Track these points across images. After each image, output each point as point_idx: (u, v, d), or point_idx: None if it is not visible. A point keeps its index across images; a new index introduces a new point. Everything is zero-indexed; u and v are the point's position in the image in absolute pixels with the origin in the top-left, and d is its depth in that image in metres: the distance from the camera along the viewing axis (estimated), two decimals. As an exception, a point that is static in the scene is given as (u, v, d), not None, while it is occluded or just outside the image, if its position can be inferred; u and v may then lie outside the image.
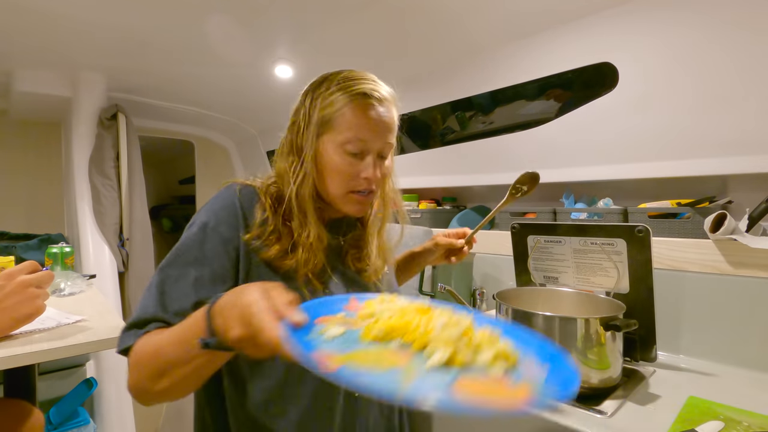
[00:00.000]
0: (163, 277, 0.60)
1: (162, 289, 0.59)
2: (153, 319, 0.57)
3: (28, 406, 0.96)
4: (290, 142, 0.70)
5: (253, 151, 2.67)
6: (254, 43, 1.47)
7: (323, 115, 0.65)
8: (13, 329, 0.81)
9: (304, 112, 0.68)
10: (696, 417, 0.71)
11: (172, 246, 0.63)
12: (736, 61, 0.95)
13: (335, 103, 0.65)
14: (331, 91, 0.66)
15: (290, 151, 0.69)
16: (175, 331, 0.51)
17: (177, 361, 0.49)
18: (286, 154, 0.70)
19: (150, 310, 0.57)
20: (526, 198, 1.49)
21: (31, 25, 1.37)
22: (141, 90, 2.01)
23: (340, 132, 0.65)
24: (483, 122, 1.55)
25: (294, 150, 0.69)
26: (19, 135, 2.30)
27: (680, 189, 1.20)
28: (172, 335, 0.51)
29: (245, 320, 0.41)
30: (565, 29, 1.18)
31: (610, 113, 1.17)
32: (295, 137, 0.69)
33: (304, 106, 0.68)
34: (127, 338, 0.56)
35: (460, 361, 0.38)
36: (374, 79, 0.69)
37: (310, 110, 0.67)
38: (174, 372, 0.50)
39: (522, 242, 1.13)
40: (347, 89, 0.65)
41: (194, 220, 0.65)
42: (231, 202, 0.66)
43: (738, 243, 0.95)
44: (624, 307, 0.88)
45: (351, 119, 0.65)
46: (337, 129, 0.65)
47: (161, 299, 0.58)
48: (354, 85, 0.66)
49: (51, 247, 1.55)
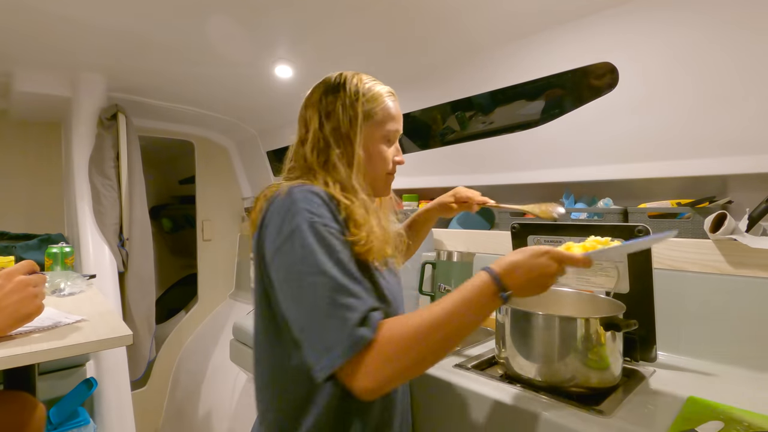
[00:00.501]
0: (324, 278, 0.59)
1: (339, 285, 0.58)
2: (369, 310, 0.58)
3: (31, 398, 0.96)
4: (334, 133, 0.74)
5: (253, 151, 2.67)
6: (254, 43, 1.47)
7: (369, 108, 0.75)
8: (12, 329, 0.81)
9: (344, 105, 0.74)
10: (696, 417, 0.71)
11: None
12: (736, 61, 0.95)
13: (377, 98, 0.76)
14: (369, 87, 0.77)
15: (336, 142, 0.74)
16: (455, 300, 0.59)
17: (471, 322, 0.59)
18: (332, 145, 0.74)
19: (357, 305, 0.57)
20: (525, 198, 1.49)
21: (31, 25, 1.37)
22: (141, 90, 2.01)
23: (384, 123, 0.77)
24: (483, 122, 1.55)
25: (342, 139, 0.74)
26: (19, 135, 2.30)
27: (680, 189, 1.20)
28: (457, 303, 0.59)
29: (540, 281, 0.62)
30: (564, 29, 1.18)
31: (610, 113, 1.17)
32: (339, 128, 0.74)
33: (340, 100, 0.75)
34: (358, 339, 0.55)
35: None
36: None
37: (353, 103, 0.74)
38: (468, 330, 0.59)
39: (522, 242, 1.13)
40: (379, 86, 0.78)
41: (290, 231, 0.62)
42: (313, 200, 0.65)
43: (738, 243, 0.95)
44: (624, 307, 0.88)
45: (390, 112, 0.78)
46: (379, 120, 0.77)
47: (349, 291, 0.58)
48: (379, 83, 0.79)
49: (51, 247, 1.55)
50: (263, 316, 0.71)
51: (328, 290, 0.58)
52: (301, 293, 0.59)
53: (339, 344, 0.55)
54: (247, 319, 1.64)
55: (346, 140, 0.74)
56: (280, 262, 0.63)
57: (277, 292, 0.64)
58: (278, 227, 0.64)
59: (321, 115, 0.75)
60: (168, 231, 3.25)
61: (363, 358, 0.55)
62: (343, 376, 0.57)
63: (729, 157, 1.01)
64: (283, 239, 0.63)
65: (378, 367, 0.55)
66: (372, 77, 0.79)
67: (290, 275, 0.61)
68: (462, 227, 1.60)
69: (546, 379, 0.82)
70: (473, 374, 0.91)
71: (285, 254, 0.62)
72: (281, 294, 0.63)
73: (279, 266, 0.63)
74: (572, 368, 0.81)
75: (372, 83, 0.78)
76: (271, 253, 0.65)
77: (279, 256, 0.63)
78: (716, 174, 1.05)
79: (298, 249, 0.61)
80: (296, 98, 0.79)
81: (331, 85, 0.77)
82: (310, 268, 0.59)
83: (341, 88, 0.76)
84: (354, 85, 0.76)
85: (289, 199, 0.65)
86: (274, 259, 0.64)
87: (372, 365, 0.55)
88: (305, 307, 0.59)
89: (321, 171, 0.73)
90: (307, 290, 0.59)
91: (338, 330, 0.56)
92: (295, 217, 0.63)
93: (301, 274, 0.60)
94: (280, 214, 0.65)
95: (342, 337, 0.56)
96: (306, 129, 0.77)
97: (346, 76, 0.78)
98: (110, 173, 1.86)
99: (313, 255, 0.60)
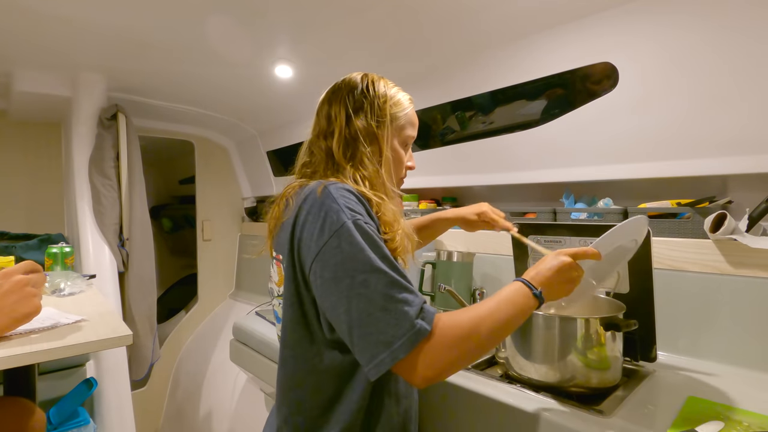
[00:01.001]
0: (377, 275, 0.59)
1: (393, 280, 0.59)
2: (423, 303, 0.60)
3: (29, 403, 0.96)
4: (363, 131, 0.75)
5: (253, 151, 2.67)
6: (254, 43, 1.47)
7: (394, 111, 0.78)
8: (11, 329, 0.81)
9: (372, 105, 0.76)
10: (696, 417, 0.71)
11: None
12: (736, 61, 0.95)
13: (401, 103, 0.80)
14: (394, 92, 0.80)
15: (365, 139, 0.75)
16: (497, 299, 0.64)
17: (514, 318, 0.64)
18: (361, 141, 0.74)
19: (412, 299, 0.59)
20: (525, 198, 1.49)
21: (31, 26, 1.37)
22: (141, 90, 2.01)
23: (404, 128, 0.81)
24: (483, 122, 1.55)
25: (369, 138, 0.75)
26: (19, 135, 2.30)
27: (680, 189, 1.20)
28: (500, 302, 0.63)
29: (562, 276, 0.68)
30: (565, 29, 1.18)
31: (610, 113, 1.17)
32: (368, 126, 0.75)
33: (369, 100, 0.76)
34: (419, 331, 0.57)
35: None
36: None
37: (381, 105, 0.76)
38: (511, 326, 0.64)
39: (522, 242, 1.13)
40: (402, 93, 0.81)
41: (334, 229, 0.62)
42: (351, 198, 0.66)
43: (738, 243, 0.95)
44: (624, 307, 0.88)
45: (411, 119, 0.82)
46: (401, 125, 0.80)
47: (402, 286, 0.60)
48: (401, 89, 0.82)
49: (51, 247, 1.55)
50: (294, 317, 0.69)
51: (382, 286, 0.59)
52: (354, 291, 0.59)
53: (400, 337, 0.57)
54: (247, 319, 1.64)
55: (374, 139, 0.75)
56: (327, 261, 0.62)
57: (320, 291, 0.63)
58: (320, 226, 0.63)
59: (350, 112, 0.75)
60: (168, 231, 3.25)
61: (423, 349, 0.57)
62: (403, 369, 0.58)
63: (729, 157, 1.01)
64: (327, 238, 0.62)
65: (438, 357, 0.58)
66: (393, 83, 0.82)
67: (340, 273, 0.60)
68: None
69: (546, 379, 0.82)
70: (473, 374, 0.91)
71: (331, 253, 0.61)
72: (326, 293, 0.62)
73: (325, 265, 0.62)
74: (572, 368, 0.81)
75: (396, 89, 0.81)
76: (312, 252, 0.63)
77: (324, 256, 0.62)
78: (716, 174, 1.05)
79: (346, 247, 0.61)
80: (296, 98, 0.79)
81: (358, 85, 0.78)
82: (363, 265, 0.60)
83: (370, 88, 0.77)
84: (382, 87, 0.78)
85: (327, 196, 0.65)
86: (318, 258, 0.62)
87: (432, 355, 0.58)
88: (359, 304, 0.59)
89: (348, 166, 0.73)
90: (360, 288, 0.59)
91: (398, 324, 0.57)
92: (339, 215, 0.62)
93: (353, 271, 0.60)
94: (319, 212, 0.64)
95: (402, 331, 0.57)
96: (330, 123, 0.76)
97: (372, 77, 0.79)
98: (110, 173, 1.86)
99: (363, 252, 0.60)
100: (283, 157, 2.49)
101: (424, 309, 0.59)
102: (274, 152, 2.50)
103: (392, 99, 0.78)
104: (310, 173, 0.78)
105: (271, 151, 2.51)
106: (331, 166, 0.75)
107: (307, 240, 0.64)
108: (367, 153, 0.74)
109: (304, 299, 0.68)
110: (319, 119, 0.79)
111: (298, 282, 0.68)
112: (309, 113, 0.83)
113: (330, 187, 0.66)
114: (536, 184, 1.43)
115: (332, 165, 0.75)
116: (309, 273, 0.64)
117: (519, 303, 0.64)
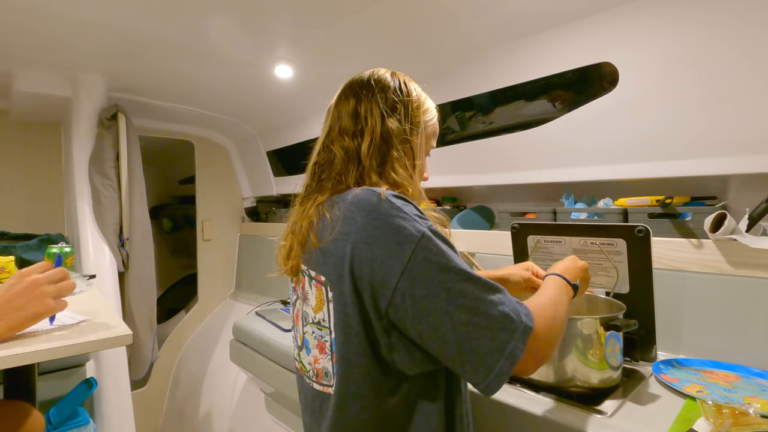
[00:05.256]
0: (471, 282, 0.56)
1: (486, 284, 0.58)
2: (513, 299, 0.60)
3: (28, 407, 0.96)
4: (396, 133, 0.70)
5: (253, 151, 2.67)
6: (254, 43, 1.47)
7: (425, 119, 0.75)
8: (23, 328, 0.81)
9: (406, 108, 0.72)
10: (696, 417, 0.71)
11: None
12: (736, 61, 0.95)
13: (430, 111, 0.77)
14: (425, 98, 0.76)
15: (398, 142, 0.70)
16: (551, 294, 0.67)
17: (567, 302, 0.69)
18: (394, 145, 0.69)
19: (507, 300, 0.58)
20: (525, 198, 1.49)
21: (31, 25, 1.37)
22: (141, 90, 2.01)
23: (431, 137, 0.78)
24: (483, 122, 1.55)
25: (402, 142, 0.70)
26: (19, 135, 2.30)
27: (680, 189, 1.20)
28: (556, 296, 0.67)
29: (585, 274, 0.79)
30: (564, 29, 1.18)
31: (610, 113, 1.17)
32: (402, 129, 0.71)
33: (402, 103, 0.71)
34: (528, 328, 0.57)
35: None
36: None
37: (416, 110, 0.73)
38: (567, 309, 0.68)
39: (522, 242, 1.13)
40: (430, 100, 0.78)
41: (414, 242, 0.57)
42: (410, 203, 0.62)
43: (738, 243, 0.95)
44: (624, 307, 0.88)
45: (436, 129, 0.79)
46: (429, 134, 0.77)
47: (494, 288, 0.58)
48: (427, 96, 0.78)
49: (51, 247, 1.55)
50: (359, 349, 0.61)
51: (478, 291, 0.56)
52: (453, 304, 0.55)
53: (512, 340, 0.55)
54: (247, 319, 1.64)
55: (406, 144, 0.71)
56: (416, 278, 0.56)
57: (412, 312, 0.56)
58: (396, 240, 0.57)
59: (383, 112, 0.69)
60: (168, 231, 3.25)
61: (533, 343, 0.57)
62: (518, 369, 0.56)
63: (729, 157, 1.01)
64: (411, 252, 0.56)
65: (545, 345, 0.59)
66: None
67: (434, 288, 0.55)
68: (462, 227, 1.60)
69: (546, 379, 0.82)
70: (473, 374, 0.91)
71: (419, 267, 0.56)
72: (421, 314, 0.56)
73: (415, 282, 0.56)
74: (572, 368, 0.81)
75: (425, 94, 0.77)
76: (396, 271, 0.57)
77: (412, 272, 0.56)
78: (716, 174, 1.05)
79: (433, 258, 0.56)
80: (296, 98, 0.79)
81: (390, 83, 0.72)
82: (454, 274, 0.56)
83: (404, 89, 0.72)
84: (415, 90, 0.74)
85: (391, 206, 0.59)
86: (405, 276, 0.56)
87: (540, 345, 0.58)
88: (462, 316, 0.55)
89: (378, 170, 0.68)
90: (459, 299, 0.55)
91: (504, 327, 0.55)
92: (414, 225, 0.58)
93: (448, 283, 0.55)
94: (388, 225, 0.58)
95: (512, 333, 0.55)
96: (358, 122, 0.69)
97: (404, 77, 0.75)
98: (110, 173, 1.86)
99: (451, 261, 0.56)
100: (283, 157, 2.49)
101: (518, 304, 0.58)
102: (274, 152, 2.50)
103: (423, 105, 0.75)
104: (330, 176, 0.70)
105: (271, 151, 2.51)
106: (355, 168, 0.68)
107: (385, 258, 0.57)
108: (401, 158, 0.69)
109: (374, 327, 0.60)
110: (340, 116, 0.71)
111: (365, 308, 0.60)
112: (309, 113, 0.82)
113: (389, 196, 0.60)
114: (536, 184, 1.43)
115: (356, 167, 0.68)
116: (394, 294, 0.57)
117: (565, 292, 0.70)
